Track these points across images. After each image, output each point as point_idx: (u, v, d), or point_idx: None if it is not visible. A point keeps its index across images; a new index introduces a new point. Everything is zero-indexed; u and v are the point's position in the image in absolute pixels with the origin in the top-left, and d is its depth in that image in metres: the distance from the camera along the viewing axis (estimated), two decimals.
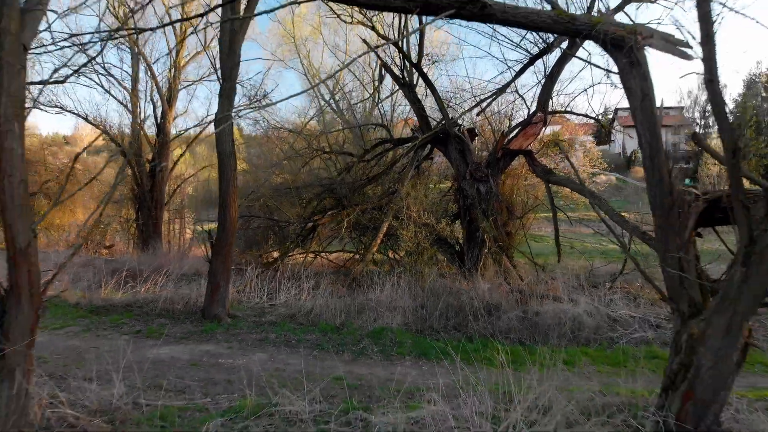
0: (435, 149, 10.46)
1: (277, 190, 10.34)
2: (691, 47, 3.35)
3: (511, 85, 9.92)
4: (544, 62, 9.52)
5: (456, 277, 7.65)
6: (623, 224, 4.30)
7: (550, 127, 14.00)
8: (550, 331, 5.64)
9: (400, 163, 10.34)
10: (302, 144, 11.26)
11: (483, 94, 10.33)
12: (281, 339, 5.72)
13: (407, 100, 10.63)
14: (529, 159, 9.37)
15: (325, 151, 11.19)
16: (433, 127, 9.91)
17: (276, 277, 8.06)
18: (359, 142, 11.81)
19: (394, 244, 9.89)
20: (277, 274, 8.25)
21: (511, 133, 9.81)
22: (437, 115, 10.36)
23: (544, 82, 9.66)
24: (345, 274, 8.88)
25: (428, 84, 9.93)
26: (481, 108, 10.53)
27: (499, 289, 7.02)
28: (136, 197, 13.69)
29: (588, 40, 3.51)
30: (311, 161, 11.18)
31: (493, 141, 10.51)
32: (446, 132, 9.56)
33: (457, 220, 9.91)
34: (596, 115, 10.81)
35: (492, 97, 10.10)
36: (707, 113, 33.24)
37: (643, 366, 4.23)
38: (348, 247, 10.92)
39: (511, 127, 10.29)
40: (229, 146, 6.60)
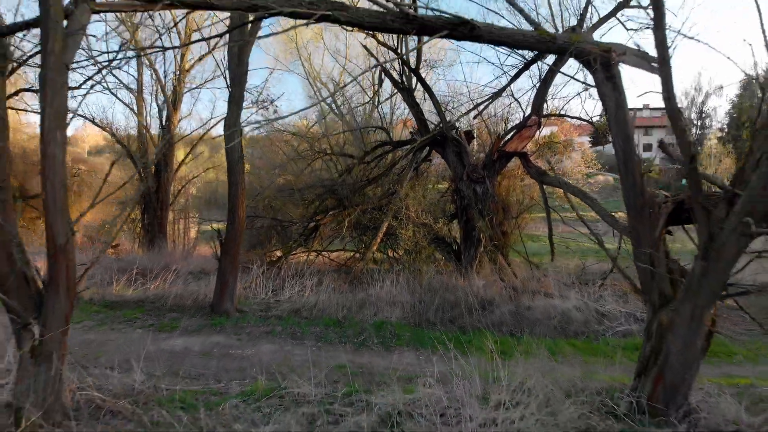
0: (433, 151, 10.74)
1: (281, 191, 10.66)
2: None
3: (507, 89, 10.21)
4: (539, 67, 9.86)
5: (452, 275, 7.98)
6: (614, 224, 4.56)
7: (549, 128, 14.31)
8: (540, 325, 5.99)
9: (400, 164, 10.62)
10: (304, 146, 11.57)
11: (480, 98, 10.66)
12: (287, 332, 6.07)
13: (406, 104, 10.95)
14: (524, 161, 9.69)
15: (327, 153, 11.49)
16: (431, 130, 10.21)
17: (280, 275, 8.40)
18: (359, 144, 12.11)
19: (394, 243, 10.15)
20: (281, 271, 8.59)
21: (507, 136, 10.12)
22: (435, 119, 10.64)
23: (539, 86, 9.99)
24: (346, 272, 9.21)
25: (426, 88, 10.25)
26: (478, 111, 10.86)
27: (493, 285, 7.36)
28: (142, 198, 14.02)
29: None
30: (313, 163, 11.49)
31: (490, 143, 10.83)
32: (444, 135, 9.87)
33: (455, 219, 10.21)
34: (590, 117, 11.10)
35: (488, 101, 10.42)
36: (704, 114, 33.64)
37: (623, 355, 4.58)
38: (349, 246, 11.23)
39: (506, 130, 10.61)
40: (238, 152, 6.94)
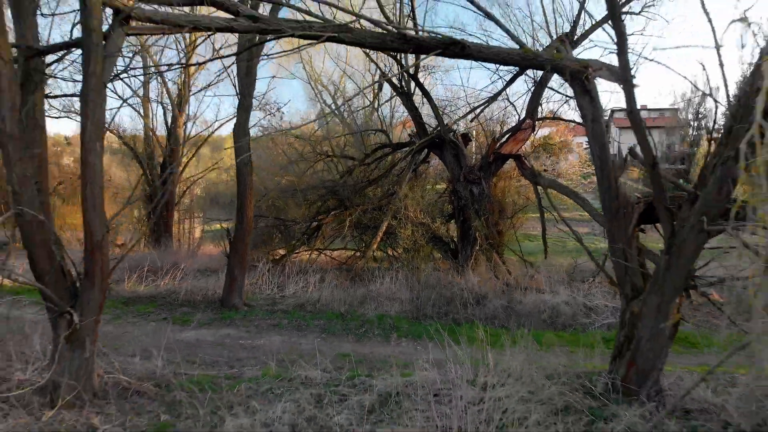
0: (431, 153, 11.11)
1: (284, 192, 11.04)
2: (634, 77, 4.09)
3: (503, 93, 10.65)
4: (534, 72, 10.24)
5: (449, 272, 8.37)
6: (602, 223, 4.97)
7: (547, 129, 14.67)
8: (530, 318, 6.38)
9: (399, 166, 10.98)
10: (307, 148, 11.95)
11: (476, 102, 11.06)
12: (293, 324, 6.47)
13: (405, 108, 11.33)
14: (519, 162, 10.07)
15: (328, 155, 11.86)
16: (429, 133, 10.59)
17: (284, 272, 8.79)
18: (360, 146, 12.49)
19: (393, 242, 10.49)
20: (285, 269, 8.98)
21: (502, 139, 10.51)
22: (434, 122, 11.02)
23: (533, 90, 10.40)
24: (348, 270, 9.60)
25: (424, 93, 10.62)
26: (475, 115, 11.24)
27: (487, 282, 7.75)
28: (149, 198, 14.40)
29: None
30: (315, 164, 11.86)
31: (486, 146, 11.23)
32: (442, 137, 10.23)
33: (452, 219, 10.58)
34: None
35: (484, 105, 10.81)
36: (700, 115, 34.00)
37: (604, 346, 4.96)
38: (350, 245, 11.60)
39: (502, 133, 10.99)
40: (246, 156, 7.33)
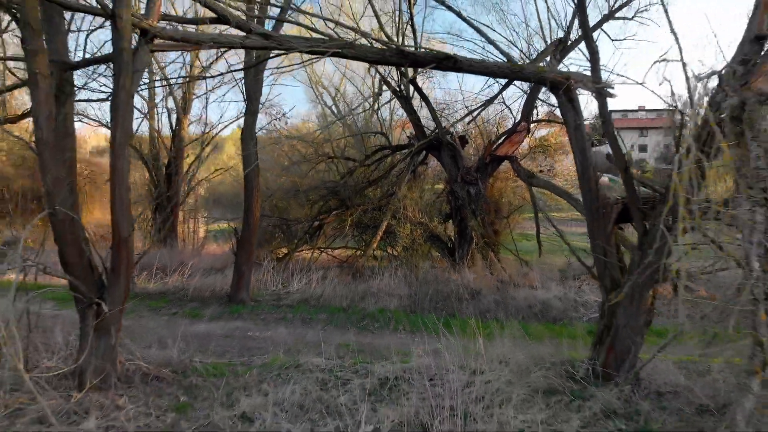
0: (429, 155, 11.45)
1: (287, 192, 11.41)
2: (613, 87, 4.46)
3: (499, 97, 11.02)
4: None
5: (446, 269, 8.74)
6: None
7: (545, 130, 15.01)
8: (522, 312, 6.75)
9: (398, 167, 11.32)
10: (309, 150, 12.31)
11: (473, 105, 11.45)
12: (297, 318, 6.84)
13: (404, 111, 11.69)
14: (514, 164, 10.45)
15: (330, 157, 12.21)
16: (427, 135, 10.97)
17: (288, 269, 9.16)
18: (360, 148, 12.85)
19: (393, 241, 10.82)
20: (289, 266, 9.34)
21: (498, 141, 10.88)
22: (432, 124, 11.38)
23: (529, 93, 10.77)
24: (349, 268, 9.96)
25: (423, 96, 10.98)
26: (472, 117, 11.57)
27: (483, 279, 8.12)
28: (154, 198, 14.75)
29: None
30: (317, 165, 12.23)
31: (483, 147, 11.60)
32: (439, 139, 10.59)
33: (449, 219, 10.92)
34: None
35: (481, 108, 11.13)
36: (697, 115, 34.49)
37: (590, 337, 5.31)
38: (350, 244, 11.97)
39: (498, 135, 11.37)
40: (253, 159, 7.68)
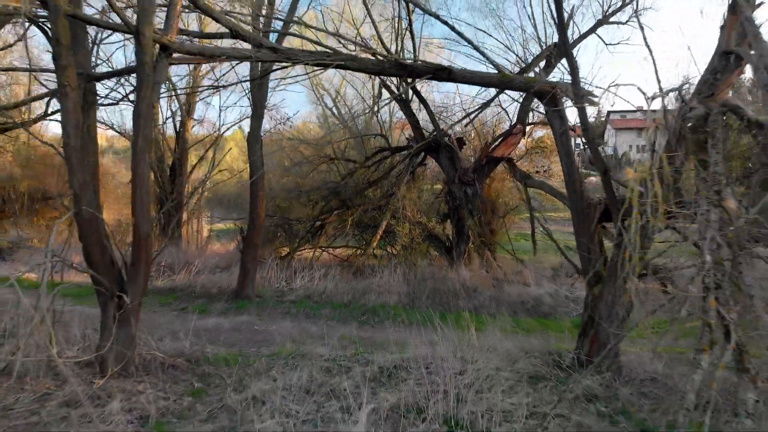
0: (428, 156, 11.78)
1: (289, 193, 11.74)
2: (596, 96, 4.79)
3: (496, 100, 11.36)
4: None
5: (444, 267, 9.07)
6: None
7: (542, 131, 15.32)
8: (515, 307, 7.09)
9: (397, 168, 11.63)
10: (310, 151, 12.64)
11: (471, 108, 11.78)
12: (301, 312, 7.18)
13: (403, 113, 12.02)
14: (510, 165, 10.80)
15: (331, 158, 12.53)
16: (426, 137, 11.29)
17: (291, 267, 9.49)
18: (361, 150, 13.18)
19: (392, 240, 11.14)
20: (291, 264, 9.67)
21: (495, 143, 11.20)
22: (430, 127, 11.70)
23: (524, 97, 11.08)
24: (350, 266, 10.29)
25: (421, 100, 11.29)
26: (469, 120, 11.95)
27: (479, 276, 8.45)
28: (159, 199, 15.06)
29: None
30: (318, 166, 12.56)
31: (480, 149, 11.93)
32: (438, 141, 10.91)
33: (447, 218, 11.25)
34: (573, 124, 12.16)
35: (477, 111, 11.52)
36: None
37: (573, 329, 5.66)
38: (351, 243, 12.28)
39: (494, 137, 11.69)
40: (259, 161, 8.01)
